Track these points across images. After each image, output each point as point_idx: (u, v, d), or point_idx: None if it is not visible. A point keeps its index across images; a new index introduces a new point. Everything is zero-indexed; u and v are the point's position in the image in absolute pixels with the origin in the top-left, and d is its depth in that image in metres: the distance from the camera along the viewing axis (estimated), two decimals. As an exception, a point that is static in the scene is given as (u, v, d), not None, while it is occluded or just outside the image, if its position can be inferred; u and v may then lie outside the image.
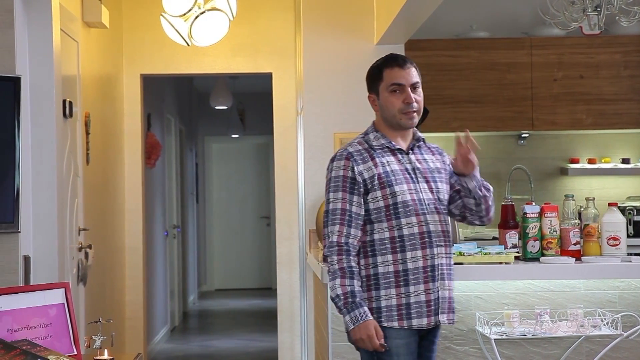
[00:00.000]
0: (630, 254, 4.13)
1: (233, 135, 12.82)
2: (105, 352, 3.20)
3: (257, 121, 12.47)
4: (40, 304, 3.17)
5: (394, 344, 3.17)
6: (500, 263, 3.96)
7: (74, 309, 3.27)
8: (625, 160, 6.87)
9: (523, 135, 6.82)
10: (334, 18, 5.61)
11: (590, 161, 6.88)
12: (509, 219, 4.15)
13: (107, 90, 6.19)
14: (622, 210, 6.27)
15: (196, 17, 5.09)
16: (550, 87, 6.53)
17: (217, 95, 10.76)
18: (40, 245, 3.97)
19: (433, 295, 3.20)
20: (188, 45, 5.29)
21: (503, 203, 4.20)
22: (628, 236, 4.75)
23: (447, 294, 3.24)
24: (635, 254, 4.17)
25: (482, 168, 3.34)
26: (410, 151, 3.32)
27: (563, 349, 4.03)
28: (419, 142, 3.36)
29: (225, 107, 11.35)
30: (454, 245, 3.71)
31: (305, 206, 5.59)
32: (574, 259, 4.04)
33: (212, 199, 13.07)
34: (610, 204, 4.22)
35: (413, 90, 3.29)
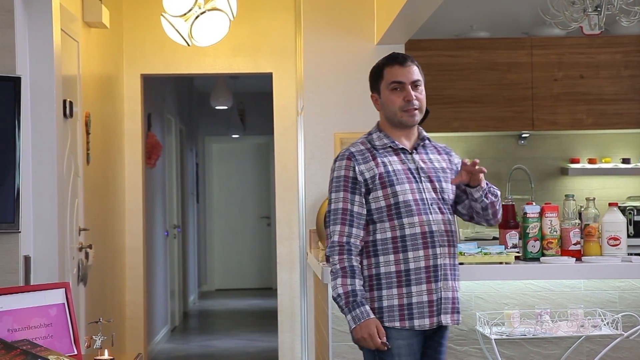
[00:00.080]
0: (631, 254, 4.13)
1: (233, 135, 12.82)
2: (106, 352, 3.20)
3: (258, 121, 12.47)
4: (41, 304, 3.17)
5: (395, 344, 3.17)
6: (501, 263, 3.96)
7: (74, 309, 3.27)
8: (625, 160, 6.86)
9: (523, 135, 6.82)
10: (335, 18, 5.60)
11: (591, 161, 6.88)
12: (509, 219, 4.15)
13: (108, 90, 6.19)
14: (623, 210, 6.26)
15: (196, 17, 5.09)
16: (551, 87, 6.52)
17: (217, 95, 10.76)
18: (41, 245, 3.96)
19: (436, 295, 3.18)
20: (188, 45, 5.28)
21: (503, 203, 4.19)
22: (628, 236, 4.75)
23: (450, 294, 3.22)
24: (636, 254, 4.17)
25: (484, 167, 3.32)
26: (414, 151, 3.31)
27: (563, 349, 4.03)
28: (423, 142, 3.35)
29: (225, 107, 11.34)
30: (454, 245, 3.70)
31: (306, 206, 5.59)
32: (574, 259, 4.04)
33: (212, 199, 13.06)
34: (610, 204, 4.22)
35: (414, 88, 3.28)
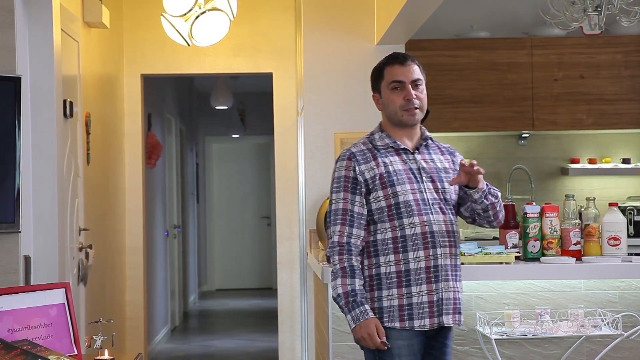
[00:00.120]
0: (631, 254, 4.13)
1: (233, 135, 12.82)
2: (106, 352, 3.20)
3: (258, 121, 12.47)
4: (41, 304, 3.17)
5: (395, 344, 3.16)
6: (501, 263, 3.96)
7: (74, 309, 3.27)
8: (625, 160, 6.86)
9: (523, 135, 6.82)
10: (335, 18, 5.60)
11: (591, 161, 6.88)
12: (509, 219, 4.14)
13: (108, 90, 6.19)
14: (623, 210, 6.27)
15: (197, 17, 5.09)
16: (551, 87, 6.52)
17: (217, 95, 10.76)
18: (41, 245, 3.96)
19: (436, 296, 3.18)
20: (188, 45, 5.29)
21: (504, 203, 4.18)
22: (628, 236, 4.75)
23: (451, 295, 3.22)
24: (636, 254, 4.17)
25: (483, 168, 3.32)
26: (416, 150, 3.31)
27: (564, 349, 4.03)
28: (426, 142, 3.34)
29: (225, 107, 11.34)
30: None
31: (306, 206, 5.59)
32: (574, 259, 4.04)
33: (212, 199, 13.06)
34: (610, 204, 4.22)
35: (415, 87, 3.28)
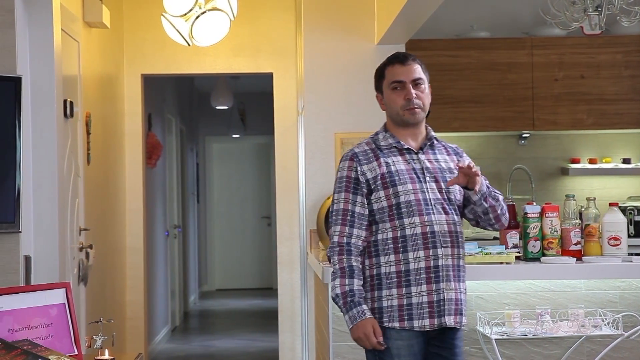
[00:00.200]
0: (631, 254, 4.12)
1: (234, 135, 12.82)
2: (106, 352, 3.20)
3: (258, 121, 12.47)
4: (41, 304, 3.17)
5: (394, 344, 3.16)
6: (501, 263, 3.96)
7: (74, 309, 3.27)
8: (626, 160, 6.86)
9: (524, 135, 6.82)
10: (335, 18, 5.60)
11: (591, 161, 6.88)
12: (509, 219, 4.14)
13: (108, 90, 6.19)
14: (623, 210, 6.26)
15: (197, 17, 5.09)
16: (551, 87, 6.52)
17: (217, 95, 10.76)
18: (41, 245, 3.97)
19: (436, 296, 3.17)
20: (189, 45, 5.28)
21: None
22: (629, 236, 4.75)
23: (453, 296, 3.20)
24: (636, 254, 4.17)
25: (483, 168, 3.33)
26: (420, 150, 3.30)
27: (564, 349, 4.03)
28: (431, 142, 3.34)
29: (226, 107, 11.34)
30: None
31: (306, 206, 5.59)
32: (574, 259, 4.04)
33: (212, 199, 13.06)
34: (611, 204, 4.22)
35: (416, 87, 3.28)
